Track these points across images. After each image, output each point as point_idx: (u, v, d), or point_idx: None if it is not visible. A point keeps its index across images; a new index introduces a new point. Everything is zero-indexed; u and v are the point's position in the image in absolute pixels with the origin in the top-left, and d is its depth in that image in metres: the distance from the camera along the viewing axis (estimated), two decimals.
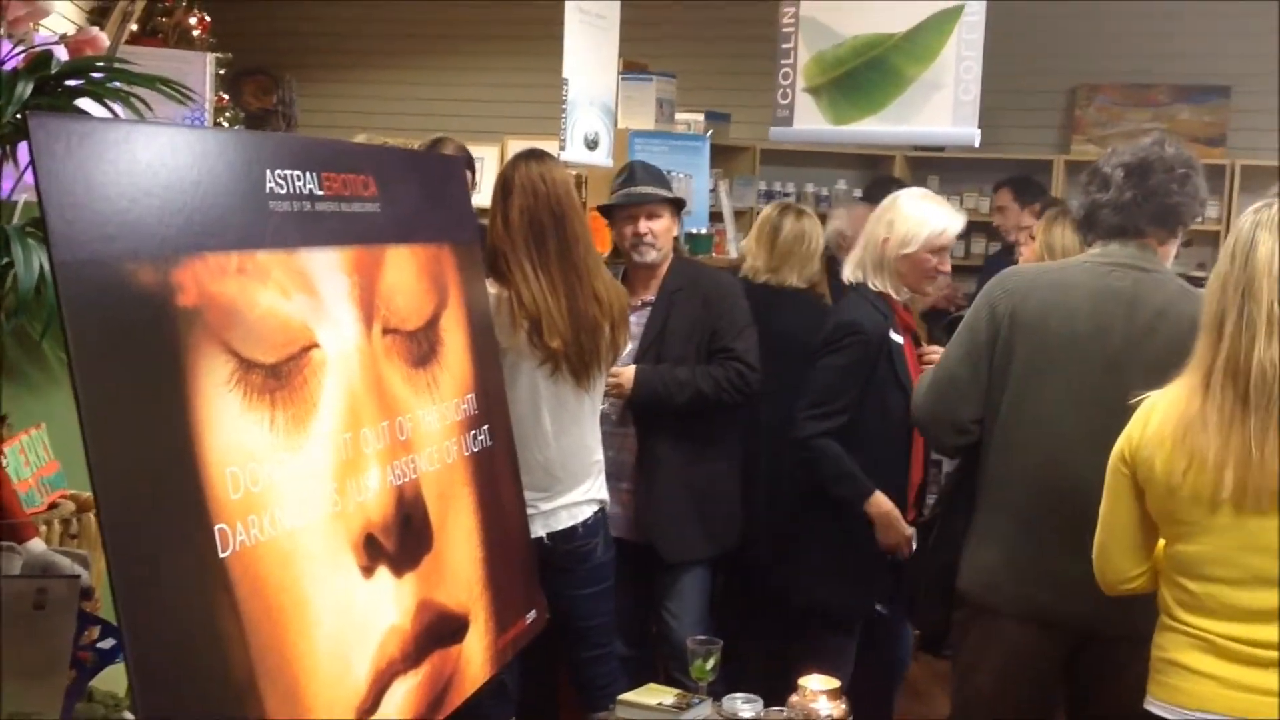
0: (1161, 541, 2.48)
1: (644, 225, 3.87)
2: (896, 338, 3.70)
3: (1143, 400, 2.44)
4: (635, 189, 3.89)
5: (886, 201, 3.80)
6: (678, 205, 3.93)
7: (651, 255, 3.88)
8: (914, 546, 3.76)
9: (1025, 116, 6.99)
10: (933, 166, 7.34)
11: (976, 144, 3.53)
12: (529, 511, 3.34)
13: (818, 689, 2.84)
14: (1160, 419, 2.36)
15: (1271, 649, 2.28)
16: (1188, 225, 3.03)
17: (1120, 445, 2.44)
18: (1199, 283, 7.11)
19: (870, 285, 3.75)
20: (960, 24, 3.23)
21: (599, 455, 3.58)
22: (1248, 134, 6.63)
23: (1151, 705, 2.45)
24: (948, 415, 3.10)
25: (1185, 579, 2.38)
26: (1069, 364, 2.92)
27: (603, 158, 4.70)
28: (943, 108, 3.28)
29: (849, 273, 3.85)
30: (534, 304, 3.30)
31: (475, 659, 2.70)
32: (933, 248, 3.67)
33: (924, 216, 3.67)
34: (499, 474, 2.97)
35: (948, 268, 3.75)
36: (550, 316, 3.31)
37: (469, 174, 4.37)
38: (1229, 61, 6.67)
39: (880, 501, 3.69)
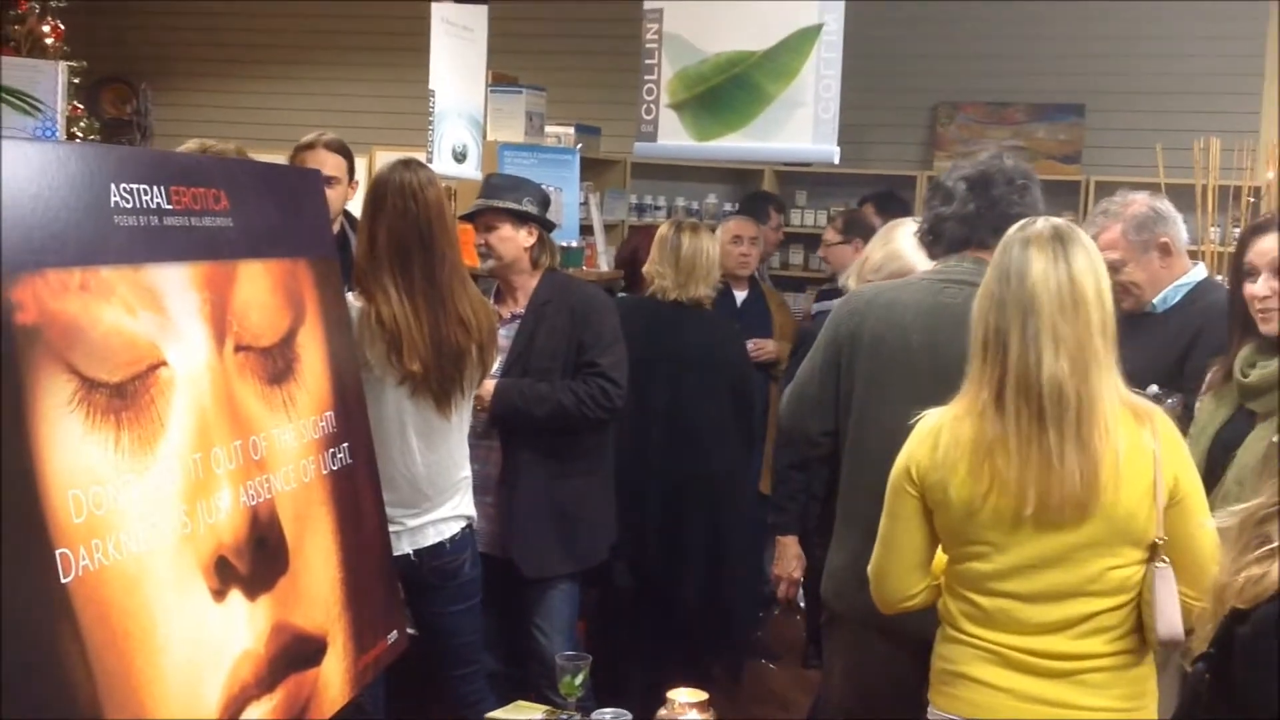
0: (942, 557, 2.51)
1: (479, 236, 3.87)
2: None
3: (920, 419, 2.47)
4: (476, 200, 3.92)
5: (892, 224, 3.79)
6: (522, 216, 3.85)
7: (489, 264, 3.88)
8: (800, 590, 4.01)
9: (890, 133, 7.12)
10: (801, 181, 7.44)
11: (836, 161, 3.56)
12: (395, 528, 3.30)
13: (686, 702, 2.83)
14: (949, 440, 2.38)
15: (1060, 659, 2.35)
16: None
17: (904, 465, 2.46)
18: None
19: None
20: (819, 43, 3.27)
21: (467, 471, 3.55)
22: (1101, 151, 6.84)
23: (934, 714, 2.50)
24: (799, 428, 3.18)
25: (975, 594, 2.42)
26: (905, 380, 2.96)
27: (471, 170, 4.68)
28: (804, 125, 3.32)
29: (844, 282, 3.89)
30: (393, 323, 3.26)
31: (333, 682, 2.65)
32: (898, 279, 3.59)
33: (899, 249, 3.57)
34: (360, 493, 2.92)
35: None
36: (411, 338, 3.27)
37: (350, 166, 4.30)
38: (1083, 80, 6.87)
39: (791, 540, 4.04)
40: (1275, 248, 2.78)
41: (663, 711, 2.83)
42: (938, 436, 2.41)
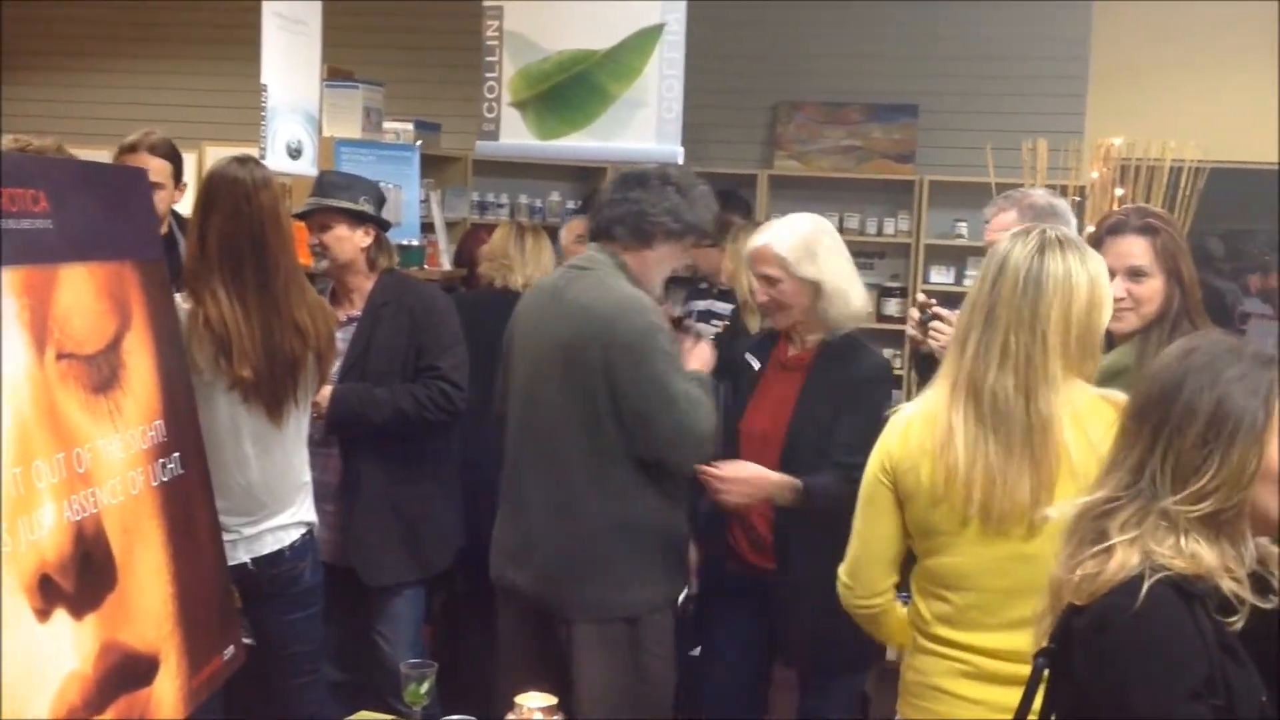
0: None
1: (313, 235, 3.78)
2: (752, 360, 3.54)
3: (895, 412, 2.51)
4: (309, 198, 3.83)
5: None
6: (358, 216, 3.79)
7: (323, 264, 3.82)
8: None
9: (731, 132, 7.18)
10: None
11: (680, 161, 3.58)
12: (231, 537, 3.19)
13: (535, 706, 2.81)
14: (920, 432, 2.40)
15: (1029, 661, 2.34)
16: (658, 235, 3.28)
17: (879, 459, 2.47)
18: (891, 292, 7.44)
19: None
20: (661, 43, 3.28)
21: (307, 476, 3.46)
22: (934, 151, 7.00)
23: None
24: (497, 413, 3.46)
25: (947, 591, 2.42)
26: (522, 358, 3.31)
27: (307, 167, 4.56)
28: (647, 125, 3.32)
29: None
30: (222, 325, 3.15)
31: (167, 701, 2.55)
32: (753, 269, 3.49)
33: (757, 234, 3.53)
34: (192, 504, 2.81)
35: (767, 289, 3.39)
36: (241, 343, 3.16)
37: (177, 169, 4.14)
38: (916, 82, 7.03)
39: None
40: (1132, 252, 2.86)
41: (511, 716, 2.81)
42: (908, 428, 2.43)
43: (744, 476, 3.18)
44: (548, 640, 3.30)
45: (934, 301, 3.22)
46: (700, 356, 3.38)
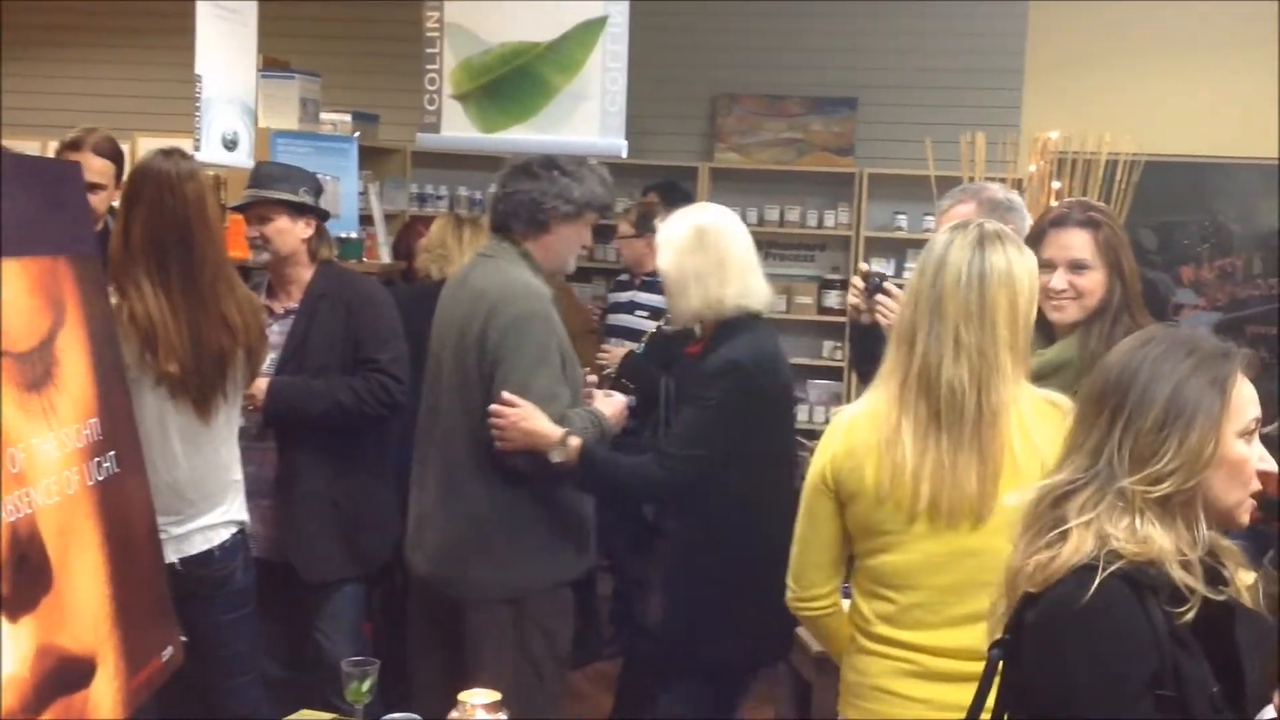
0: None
1: (252, 228, 3.73)
2: None
3: (837, 414, 2.50)
4: (245, 190, 3.78)
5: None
6: (299, 207, 3.74)
7: (264, 257, 3.76)
8: None
9: (671, 124, 7.18)
10: None
11: (624, 155, 3.56)
12: (159, 537, 3.14)
13: (477, 702, 2.79)
14: (865, 432, 2.39)
15: (974, 659, 2.21)
16: (554, 220, 3.31)
17: (820, 463, 2.45)
18: (831, 284, 7.47)
19: None
20: (604, 36, 3.26)
21: (237, 474, 3.42)
22: (873, 144, 7.04)
23: None
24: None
25: (891, 590, 2.40)
26: (433, 343, 3.41)
27: (243, 158, 4.50)
28: (590, 118, 3.31)
29: None
30: (147, 320, 3.10)
31: (104, 703, 2.51)
32: None
33: None
34: (129, 503, 2.76)
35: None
36: (167, 338, 3.12)
37: (119, 169, 4.07)
38: (855, 75, 7.07)
39: None
40: (1074, 244, 2.87)
41: (454, 713, 2.78)
42: (851, 429, 2.41)
43: (513, 417, 3.17)
44: (444, 621, 3.36)
45: (879, 272, 3.20)
46: (612, 405, 3.44)
